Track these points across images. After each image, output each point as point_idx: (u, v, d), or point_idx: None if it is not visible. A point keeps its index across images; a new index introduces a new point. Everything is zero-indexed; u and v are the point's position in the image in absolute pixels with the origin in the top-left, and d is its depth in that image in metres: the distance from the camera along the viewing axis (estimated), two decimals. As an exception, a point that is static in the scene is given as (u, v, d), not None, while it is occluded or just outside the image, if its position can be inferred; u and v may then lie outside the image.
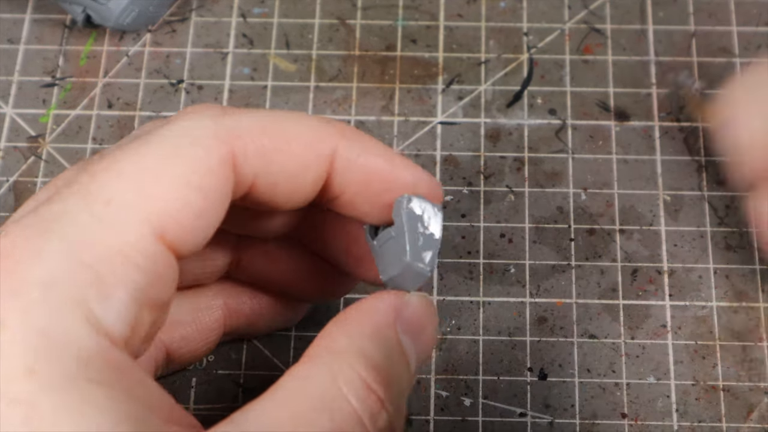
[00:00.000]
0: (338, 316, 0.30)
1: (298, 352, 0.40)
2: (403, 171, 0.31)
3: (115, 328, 0.25)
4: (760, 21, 0.47)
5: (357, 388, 0.27)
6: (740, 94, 0.34)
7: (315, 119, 0.31)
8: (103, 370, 0.24)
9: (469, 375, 0.40)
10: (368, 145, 0.31)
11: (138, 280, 0.26)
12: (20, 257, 0.25)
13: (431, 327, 0.32)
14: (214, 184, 0.28)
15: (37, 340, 0.24)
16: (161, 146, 0.28)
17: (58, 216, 0.26)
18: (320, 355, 0.28)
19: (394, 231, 0.31)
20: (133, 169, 0.27)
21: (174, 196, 0.27)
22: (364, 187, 0.31)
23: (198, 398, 0.40)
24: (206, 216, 0.28)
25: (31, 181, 0.44)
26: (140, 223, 0.26)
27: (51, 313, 0.24)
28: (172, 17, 0.48)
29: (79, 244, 0.25)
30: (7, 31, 0.47)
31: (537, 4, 0.48)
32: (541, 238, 0.43)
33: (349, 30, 0.47)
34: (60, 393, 0.23)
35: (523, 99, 0.45)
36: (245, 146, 0.29)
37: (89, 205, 0.26)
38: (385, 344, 0.29)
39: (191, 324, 0.37)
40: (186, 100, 0.46)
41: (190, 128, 0.28)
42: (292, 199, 0.31)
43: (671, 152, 0.44)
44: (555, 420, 0.39)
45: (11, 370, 0.23)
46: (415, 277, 0.31)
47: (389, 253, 0.32)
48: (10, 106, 0.46)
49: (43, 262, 0.25)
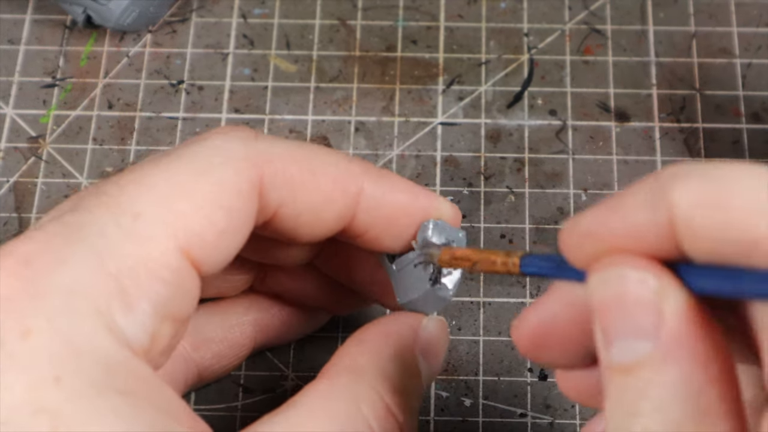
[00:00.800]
0: (358, 334, 0.31)
1: (297, 353, 0.40)
2: (426, 202, 0.32)
3: (137, 339, 0.25)
4: (761, 22, 0.47)
5: (377, 410, 0.28)
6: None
7: (341, 156, 0.31)
8: (126, 380, 0.24)
9: (470, 375, 0.40)
10: (393, 182, 0.32)
11: (161, 293, 0.26)
12: (45, 264, 0.25)
13: (444, 349, 0.32)
14: (241, 205, 0.28)
15: (61, 348, 0.24)
16: (193, 163, 0.28)
17: (84, 226, 0.26)
18: (341, 374, 0.29)
19: (416, 255, 0.32)
20: (163, 184, 0.27)
21: (201, 213, 0.27)
22: (390, 224, 0.31)
23: (198, 398, 0.40)
24: (230, 236, 0.28)
25: (32, 181, 0.44)
26: (167, 237, 0.26)
27: (74, 321, 0.24)
28: (172, 18, 0.48)
29: (104, 254, 0.25)
30: (7, 32, 0.47)
31: (537, 5, 0.48)
32: (541, 239, 0.43)
33: (349, 31, 0.47)
34: (86, 402, 0.23)
35: (524, 100, 0.45)
36: (274, 172, 0.29)
37: (117, 216, 0.26)
38: (404, 367, 0.30)
39: (223, 341, 0.37)
40: (186, 101, 0.46)
41: (222, 148, 0.28)
42: (313, 232, 0.31)
43: (672, 153, 0.44)
44: (555, 420, 0.39)
45: (37, 377, 0.23)
46: (436, 301, 0.32)
47: (410, 276, 0.32)
48: (11, 106, 0.46)
49: (68, 270, 0.25)
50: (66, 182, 0.44)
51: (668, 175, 0.22)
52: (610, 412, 0.23)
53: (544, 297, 0.26)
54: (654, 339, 0.22)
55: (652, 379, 0.22)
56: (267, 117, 0.45)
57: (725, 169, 0.21)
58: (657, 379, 0.22)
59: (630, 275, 0.22)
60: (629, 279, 0.22)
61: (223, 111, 0.45)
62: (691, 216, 0.21)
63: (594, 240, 0.23)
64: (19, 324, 0.24)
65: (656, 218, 0.22)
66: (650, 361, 0.22)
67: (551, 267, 0.26)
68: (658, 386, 0.22)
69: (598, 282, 0.23)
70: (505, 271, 0.28)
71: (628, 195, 0.23)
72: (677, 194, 0.21)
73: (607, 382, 0.23)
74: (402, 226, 0.32)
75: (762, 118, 0.45)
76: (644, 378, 0.22)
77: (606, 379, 0.23)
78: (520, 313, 0.27)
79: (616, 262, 0.23)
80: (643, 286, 0.22)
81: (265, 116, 0.45)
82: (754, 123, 0.45)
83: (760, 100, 0.45)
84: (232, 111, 0.45)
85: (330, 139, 0.45)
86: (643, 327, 0.22)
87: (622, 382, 0.22)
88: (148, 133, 0.45)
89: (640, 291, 0.22)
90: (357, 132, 0.45)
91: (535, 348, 0.26)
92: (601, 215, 0.23)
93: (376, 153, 0.44)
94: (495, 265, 0.28)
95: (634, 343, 0.22)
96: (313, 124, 0.45)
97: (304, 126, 0.45)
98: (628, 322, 0.22)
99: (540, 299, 0.26)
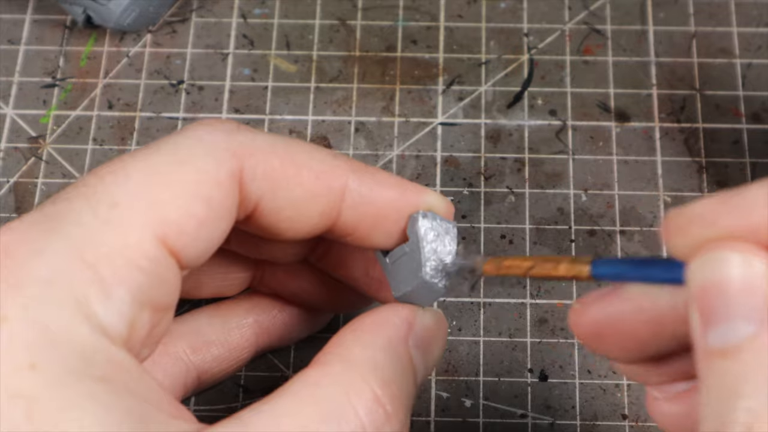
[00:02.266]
0: (352, 324, 0.30)
1: (297, 353, 0.40)
2: (415, 196, 0.31)
3: (114, 327, 0.25)
4: (761, 22, 0.47)
5: (366, 401, 0.28)
6: None
7: (326, 152, 0.31)
8: (103, 367, 0.24)
9: (470, 376, 0.40)
10: (379, 178, 0.31)
11: (139, 281, 0.26)
12: (22, 253, 0.25)
13: (440, 343, 0.32)
14: (221, 196, 0.28)
15: (37, 336, 0.24)
16: (172, 154, 0.28)
17: (62, 215, 0.26)
18: (332, 363, 0.29)
19: (408, 247, 0.31)
20: (141, 174, 0.27)
21: (179, 203, 0.27)
22: (379, 221, 0.31)
23: (198, 398, 0.40)
24: (209, 227, 0.28)
25: (32, 182, 0.44)
26: (143, 226, 0.26)
27: (51, 310, 0.24)
28: (172, 18, 0.48)
29: (81, 243, 0.25)
30: (7, 32, 0.47)
31: (537, 5, 0.48)
32: (541, 239, 0.43)
33: (349, 31, 0.47)
34: (61, 388, 0.23)
35: (524, 100, 0.45)
36: (255, 164, 0.29)
37: (94, 206, 0.26)
38: (397, 358, 0.30)
39: (223, 344, 0.36)
40: (186, 101, 0.46)
41: (203, 139, 0.28)
42: (295, 228, 0.30)
43: (672, 153, 0.44)
44: (556, 421, 0.39)
45: (12, 364, 0.23)
46: (430, 294, 0.31)
47: (403, 269, 0.32)
48: (11, 106, 0.46)
49: (44, 259, 0.25)
50: (66, 182, 0.44)
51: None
52: (707, 397, 0.22)
53: (610, 294, 0.26)
54: (757, 322, 0.22)
55: (754, 361, 0.22)
56: (267, 117, 0.45)
57: None
58: (759, 361, 0.22)
59: (735, 258, 0.22)
60: (734, 262, 0.22)
61: (223, 111, 0.45)
62: None
63: (703, 225, 0.23)
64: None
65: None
66: (752, 344, 0.22)
67: (628, 269, 0.26)
68: (762, 368, 0.22)
69: (700, 265, 0.23)
70: (571, 276, 0.27)
71: (752, 188, 0.23)
72: None
73: (704, 369, 0.23)
74: (391, 222, 0.31)
75: (762, 118, 0.45)
76: (746, 361, 0.22)
77: (703, 366, 0.23)
78: (582, 301, 0.26)
79: (721, 246, 0.23)
80: (749, 269, 0.22)
81: (265, 116, 0.45)
82: (754, 123, 0.45)
83: (760, 100, 0.45)
84: (232, 111, 0.45)
85: (330, 139, 0.45)
86: (747, 310, 0.22)
87: (722, 366, 0.22)
88: (148, 133, 0.45)
89: (746, 273, 0.22)
90: (357, 132, 0.45)
91: (595, 339, 0.26)
92: (714, 204, 0.23)
93: (376, 153, 0.44)
94: (557, 271, 0.28)
95: (736, 327, 0.22)
96: (313, 124, 0.45)
97: (304, 126, 0.45)
98: (730, 305, 0.22)
99: (605, 294, 0.26)
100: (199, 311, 0.37)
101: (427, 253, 0.31)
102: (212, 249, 0.28)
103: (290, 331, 0.38)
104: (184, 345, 0.35)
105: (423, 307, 0.32)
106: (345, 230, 0.31)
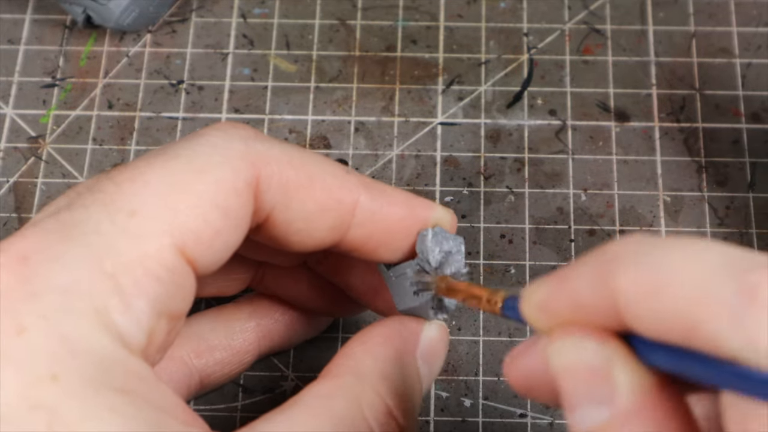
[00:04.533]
0: (361, 336, 0.31)
1: (297, 353, 0.40)
2: (423, 213, 0.32)
3: (134, 338, 0.25)
4: (760, 21, 0.47)
5: (378, 413, 0.28)
6: None
7: (338, 167, 0.31)
8: (122, 378, 0.24)
9: (470, 376, 0.40)
10: (390, 195, 0.31)
11: (158, 291, 0.26)
12: (39, 261, 0.25)
13: (443, 355, 0.33)
14: (237, 205, 0.28)
15: (57, 346, 0.24)
16: (190, 162, 0.27)
17: (80, 223, 0.26)
18: (344, 375, 0.29)
19: (416, 264, 0.32)
20: (159, 181, 0.27)
21: (197, 212, 0.27)
22: (387, 237, 0.31)
23: (198, 399, 0.40)
24: (226, 235, 0.28)
25: (32, 181, 0.44)
26: (162, 235, 0.26)
27: (71, 320, 0.24)
28: (172, 18, 0.48)
29: (100, 252, 0.25)
30: (7, 32, 0.47)
31: (537, 5, 0.48)
32: (541, 239, 0.43)
33: (349, 30, 0.47)
34: (83, 399, 0.23)
35: (524, 99, 0.45)
36: (271, 175, 0.29)
37: (112, 214, 0.26)
38: (406, 371, 0.30)
39: (226, 348, 0.36)
40: (186, 101, 0.46)
41: (220, 146, 0.28)
42: (304, 241, 0.30)
43: (671, 153, 0.44)
44: (555, 421, 0.39)
45: (33, 375, 0.23)
46: (437, 311, 0.32)
47: (408, 285, 0.32)
48: (11, 106, 0.46)
49: (63, 267, 0.25)
50: (66, 182, 0.44)
51: (611, 257, 0.23)
52: None
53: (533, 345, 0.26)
54: (610, 406, 0.23)
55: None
56: (267, 117, 0.45)
57: (666, 250, 0.22)
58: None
59: (582, 346, 0.23)
60: (582, 349, 0.23)
61: (223, 111, 0.45)
62: (633, 301, 0.22)
63: (548, 314, 0.24)
64: (15, 321, 0.24)
65: (602, 300, 0.23)
66: (609, 428, 0.23)
67: None
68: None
69: (553, 351, 0.24)
70: (488, 309, 0.28)
71: (574, 273, 0.24)
72: (619, 281, 0.22)
73: None
74: (399, 238, 0.31)
75: (762, 117, 0.45)
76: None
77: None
78: (512, 353, 0.27)
79: (569, 332, 0.24)
80: (594, 356, 0.23)
81: (265, 116, 0.45)
82: (754, 123, 0.45)
83: (759, 100, 0.45)
84: (232, 111, 0.45)
85: (330, 139, 0.45)
86: (598, 395, 0.23)
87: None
88: (148, 133, 0.45)
89: (593, 360, 0.23)
90: (357, 132, 0.45)
91: (525, 390, 0.27)
92: (553, 289, 0.24)
93: (375, 153, 0.44)
94: (480, 303, 0.29)
95: (593, 410, 0.23)
96: (313, 124, 0.45)
97: (303, 126, 0.45)
98: (583, 390, 0.23)
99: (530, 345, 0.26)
100: (202, 315, 0.37)
101: (438, 272, 0.32)
102: (227, 257, 0.28)
103: (291, 334, 0.38)
104: (187, 349, 0.35)
105: (428, 319, 0.32)
106: (353, 245, 0.31)
